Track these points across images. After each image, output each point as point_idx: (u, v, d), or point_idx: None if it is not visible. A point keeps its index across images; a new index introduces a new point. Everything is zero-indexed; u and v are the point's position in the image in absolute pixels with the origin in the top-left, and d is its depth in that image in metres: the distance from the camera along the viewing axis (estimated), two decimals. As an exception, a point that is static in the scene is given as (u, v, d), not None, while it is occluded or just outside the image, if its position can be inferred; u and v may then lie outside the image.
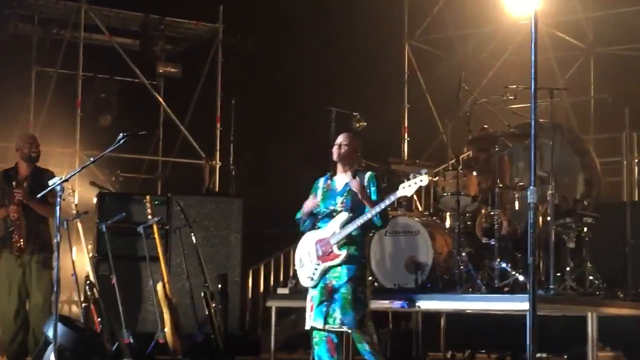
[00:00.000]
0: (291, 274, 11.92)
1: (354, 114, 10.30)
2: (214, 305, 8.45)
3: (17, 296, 8.31)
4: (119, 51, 13.07)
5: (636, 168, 11.29)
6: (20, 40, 13.04)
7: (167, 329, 7.99)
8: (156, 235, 8.32)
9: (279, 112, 13.21)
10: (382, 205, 6.79)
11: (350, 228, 6.80)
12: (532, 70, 4.48)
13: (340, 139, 7.17)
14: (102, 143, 10.27)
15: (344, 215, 6.87)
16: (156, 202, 8.97)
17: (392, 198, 6.80)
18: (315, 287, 6.94)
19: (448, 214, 9.82)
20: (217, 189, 12.80)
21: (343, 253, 6.82)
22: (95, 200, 9.62)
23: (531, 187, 4.32)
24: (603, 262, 9.26)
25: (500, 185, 9.05)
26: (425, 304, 8.74)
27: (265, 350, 9.78)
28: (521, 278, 8.74)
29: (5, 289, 8.32)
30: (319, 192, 7.12)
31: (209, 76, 13.59)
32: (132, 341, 7.80)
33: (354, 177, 7.03)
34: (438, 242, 9.18)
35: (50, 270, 7.99)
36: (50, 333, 7.00)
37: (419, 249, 9.14)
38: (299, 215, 7.18)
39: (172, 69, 13.67)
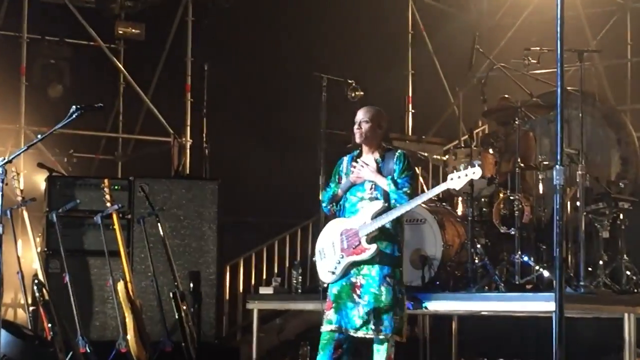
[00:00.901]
0: (275, 271, 11.96)
1: (349, 81, 10.31)
2: (184, 307, 8.47)
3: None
4: (71, 9, 13.03)
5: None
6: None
7: (130, 335, 8.01)
8: (116, 226, 8.34)
9: (260, 80, 13.19)
10: (425, 197, 6.91)
11: (385, 220, 6.83)
12: (558, 30, 4.49)
13: (360, 115, 7.19)
14: (51, 118, 10.24)
15: (379, 204, 6.90)
16: (116, 187, 8.98)
17: (437, 190, 6.89)
18: (336, 283, 6.98)
19: (460, 199, 9.86)
20: (187, 171, 12.80)
21: (372, 248, 6.85)
22: (44, 185, 9.60)
23: (558, 167, 4.33)
24: (642, 255, 9.31)
25: (522, 165, 9.07)
26: (434, 305, 8.78)
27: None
28: (546, 274, 8.78)
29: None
30: (344, 178, 7.15)
31: (177, 38, 13.57)
32: (88, 350, 7.83)
33: (382, 158, 7.06)
34: (448, 232, 9.22)
35: None
36: (-8, 341, 7.03)
37: (426, 240, 9.18)
38: (325, 199, 7.23)
39: (133, 30, 13.64)
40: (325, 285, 7.22)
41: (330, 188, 7.24)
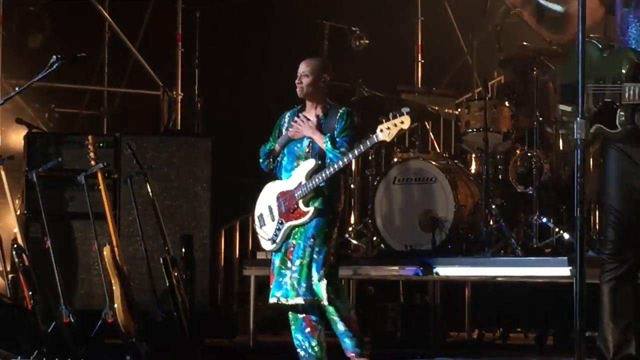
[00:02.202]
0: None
1: (353, 29, 10.30)
2: (176, 274, 8.47)
3: None
4: (51, -50, 12.97)
5: None
6: None
7: (117, 305, 8.02)
8: (102, 187, 8.31)
9: (256, 27, 13.13)
10: (356, 152, 6.87)
11: (320, 178, 6.87)
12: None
13: (301, 68, 7.17)
14: (30, 69, 10.18)
15: (311, 163, 6.94)
16: (101, 144, 8.95)
17: (368, 144, 6.83)
18: (276, 253, 7.03)
19: (474, 156, 9.86)
20: (178, 126, 12.78)
21: (311, 210, 6.92)
22: (22, 142, 9.59)
23: (579, 120, 4.30)
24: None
25: (541, 118, 9.05)
26: (445, 271, 8.81)
27: (243, 332, 9.84)
28: (566, 236, 8.78)
29: None
30: (284, 132, 7.17)
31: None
32: (72, 320, 7.85)
33: (325, 114, 7.07)
34: (461, 192, 9.22)
35: None
36: (-32, 311, 7.04)
37: (437, 200, 9.20)
38: (262, 154, 7.24)
39: (119, -26, 13.60)
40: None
41: (269, 143, 7.26)
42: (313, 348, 7.03)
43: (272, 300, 6.98)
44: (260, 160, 7.32)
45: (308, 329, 7.04)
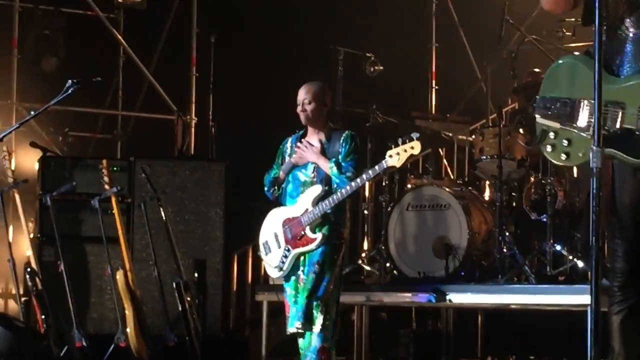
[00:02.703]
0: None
1: (368, 55, 10.33)
2: (189, 299, 8.47)
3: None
4: (67, -25, 13.05)
5: None
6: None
7: (130, 329, 8.03)
8: (115, 211, 8.34)
9: (272, 53, 13.17)
10: (365, 178, 6.81)
11: (327, 205, 6.83)
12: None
13: (302, 94, 7.12)
14: (45, 92, 10.24)
15: (318, 189, 6.90)
16: (115, 168, 8.97)
17: (377, 169, 6.78)
18: (287, 282, 7.00)
19: (487, 183, 9.85)
20: (192, 151, 12.81)
21: (319, 237, 6.86)
22: (37, 165, 9.61)
23: (594, 148, 4.29)
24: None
25: (555, 146, 9.05)
26: (458, 298, 8.79)
27: (255, 357, 9.83)
28: (581, 264, 8.77)
29: None
30: (287, 159, 7.15)
31: (181, 7, 13.56)
32: (85, 344, 7.86)
33: (328, 139, 7.04)
34: (474, 219, 9.21)
35: None
36: (-19, 334, 7.05)
37: (451, 227, 9.18)
38: (267, 182, 7.24)
39: (134, -1, 13.66)
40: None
41: (273, 170, 7.23)
42: None
43: (291, 330, 6.90)
44: (265, 189, 7.28)
45: (320, 356, 7.00)
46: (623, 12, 4.72)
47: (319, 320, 6.84)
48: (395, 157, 6.72)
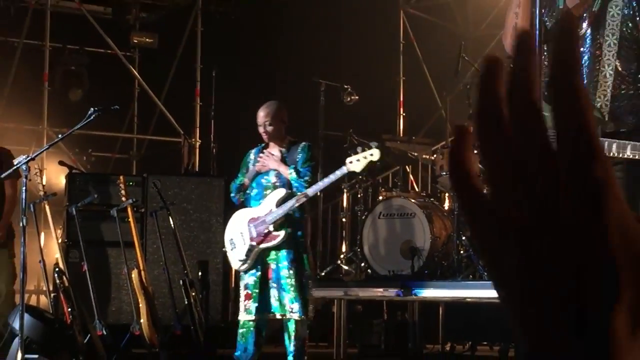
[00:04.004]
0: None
1: (345, 86, 10.30)
2: (193, 294, 8.44)
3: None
4: (90, 20, 13.00)
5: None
6: (-20, 7, 12.98)
7: (143, 320, 7.99)
8: (131, 219, 8.31)
9: (263, 84, 13.16)
10: (326, 182, 6.74)
11: (289, 206, 6.72)
12: (537, 34, 4.46)
13: (261, 117, 7.05)
14: (71, 119, 10.21)
15: (281, 192, 6.81)
16: (131, 183, 8.94)
17: (338, 174, 6.70)
18: (250, 272, 6.88)
19: (447, 194, 9.84)
20: (196, 168, 12.78)
21: (282, 233, 6.75)
22: (64, 181, 9.58)
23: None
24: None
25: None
26: (422, 292, 8.76)
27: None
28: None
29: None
30: (251, 167, 7.06)
31: (187, 46, 13.54)
32: (105, 333, 7.82)
33: (287, 149, 6.96)
34: (436, 226, 9.20)
35: (13, 258, 7.98)
36: (16, 325, 6.99)
37: (416, 232, 9.16)
38: (233, 189, 7.15)
39: (147, 39, 13.62)
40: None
41: (238, 178, 7.15)
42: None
43: (252, 317, 6.81)
44: (232, 195, 7.20)
45: (257, 341, 6.92)
46: None
47: (306, 311, 6.81)
48: (356, 163, 6.64)
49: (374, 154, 6.61)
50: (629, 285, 0.58)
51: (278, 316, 6.81)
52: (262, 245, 6.81)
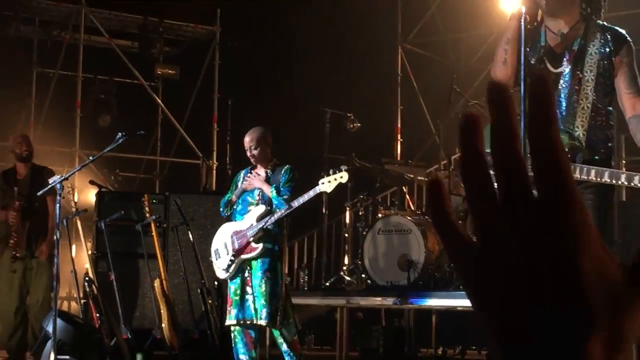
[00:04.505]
0: (286, 271, 11.92)
1: (348, 114, 10.31)
2: (210, 301, 8.44)
3: (18, 293, 8.35)
4: (118, 53, 13.06)
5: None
6: (21, 41, 13.03)
7: (165, 324, 7.98)
8: (154, 233, 8.31)
9: (275, 112, 13.19)
10: (301, 200, 6.65)
11: (268, 221, 6.68)
12: (522, 68, 4.48)
13: (247, 142, 7.01)
14: (101, 143, 10.25)
15: (261, 209, 6.77)
16: (154, 201, 8.95)
17: (312, 193, 6.65)
18: (232, 280, 6.85)
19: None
20: (214, 188, 12.79)
21: (259, 246, 6.69)
22: (94, 198, 9.59)
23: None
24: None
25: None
26: (418, 301, 8.74)
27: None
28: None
29: (6, 286, 8.37)
30: (239, 186, 7.03)
31: (206, 78, 13.58)
32: (129, 336, 7.81)
33: (272, 170, 6.92)
34: (430, 241, 9.18)
35: (52, 267, 7.97)
36: (49, 328, 7.00)
37: (412, 247, 9.15)
38: (222, 204, 7.11)
39: (170, 71, 13.66)
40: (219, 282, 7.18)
41: (227, 195, 7.12)
42: (253, 358, 6.86)
43: (232, 322, 6.76)
44: (221, 209, 7.15)
45: (248, 343, 6.84)
46: None
47: (281, 318, 6.74)
48: (327, 184, 6.59)
49: (343, 177, 6.57)
50: (605, 319, 0.59)
51: (256, 323, 6.75)
52: (243, 256, 6.76)
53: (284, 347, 6.85)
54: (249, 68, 13.48)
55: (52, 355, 6.86)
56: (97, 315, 7.64)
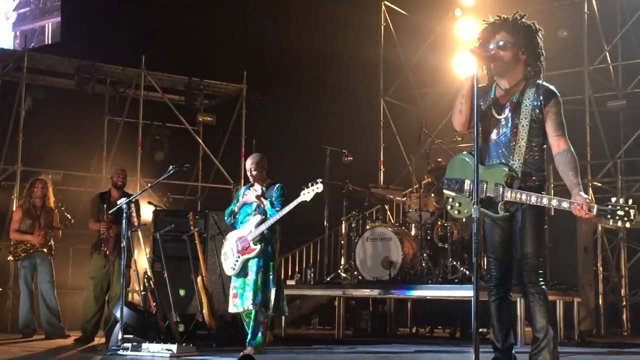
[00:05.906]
0: (296, 269, 11.92)
1: (343, 151, 10.33)
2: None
3: (100, 287, 8.48)
4: (169, 105, 13.12)
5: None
6: (96, 96, 13.09)
7: (205, 310, 7.97)
8: (197, 241, 8.30)
9: (288, 149, 13.28)
10: (287, 209, 6.55)
11: (264, 227, 6.62)
12: (475, 119, 4.50)
13: (249, 165, 6.88)
14: (157, 173, 10.29)
15: (258, 218, 6.69)
16: (197, 217, 8.94)
17: (295, 202, 6.54)
18: (237, 276, 6.73)
19: (413, 225, 9.85)
20: (242, 207, 12.77)
21: (258, 247, 6.62)
22: (151, 215, 9.61)
23: (474, 206, 4.33)
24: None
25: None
26: (397, 292, 8.74)
27: (277, 327, 9.77)
28: (467, 272, 8.75)
29: (92, 281, 8.47)
30: (240, 199, 6.94)
31: (236, 123, 13.64)
32: (178, 320, 7.79)
33: (267, 188, 6.82)
34: (406, 246, 9.21)
35: (129, 269, 7.91)
36: (118, 314, 7.01)
37: (392, 251, 9.17)
38: (226, 214, 7.00)
39: (208, 118, 13.70)
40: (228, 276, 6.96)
41: (230, 207, 7.02)
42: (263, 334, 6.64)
43: (236, 310, 6.63)
44: (226, 218, 7.05)
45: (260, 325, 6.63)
46: (490, 127, 4.77)
47: (260, 302, 6.56)
48: (307, 194, 6.46)
49: (319, 187, 6.48)
50: None
51: (245, 308, 6.58)
52: (245, 256, 6.70)
53: (251, 326, 6.60)
54: (269, 116, 13.61)
55: (120, 335, 6.86)
56: (154, 304, 7.63)
